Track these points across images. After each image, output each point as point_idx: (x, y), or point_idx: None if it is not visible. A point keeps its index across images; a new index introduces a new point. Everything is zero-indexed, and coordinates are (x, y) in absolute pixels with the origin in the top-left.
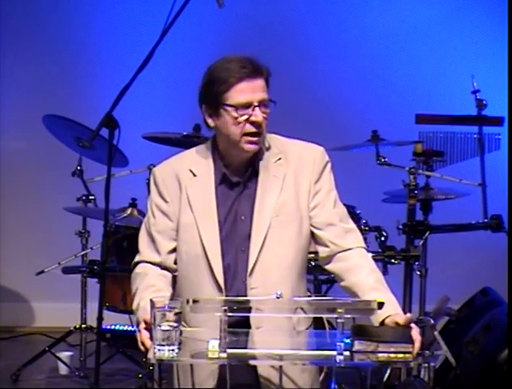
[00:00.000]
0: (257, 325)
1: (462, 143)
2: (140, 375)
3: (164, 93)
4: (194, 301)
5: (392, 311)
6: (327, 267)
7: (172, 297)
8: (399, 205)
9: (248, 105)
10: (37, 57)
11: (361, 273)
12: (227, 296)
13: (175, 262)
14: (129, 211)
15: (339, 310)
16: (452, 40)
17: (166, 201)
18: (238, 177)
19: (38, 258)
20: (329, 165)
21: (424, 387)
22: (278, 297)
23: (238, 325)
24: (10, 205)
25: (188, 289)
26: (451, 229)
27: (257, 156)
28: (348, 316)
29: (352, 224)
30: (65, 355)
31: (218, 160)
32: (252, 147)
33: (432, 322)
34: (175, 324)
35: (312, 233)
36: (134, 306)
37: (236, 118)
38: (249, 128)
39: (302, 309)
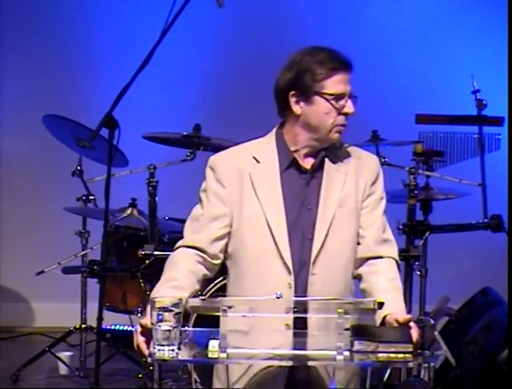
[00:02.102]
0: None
1: (462, 143)
2: (140, 375)
3: (164, 93)
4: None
5: (394, 309)
6: (356, 270)
7: (196, 293)
8: (399, 205)
9: (342, 96)
10: (37, 58)
11: (382, 277)
12: (296, 281)
13: (220, 251)
14: (129, 211)
15: (339, 310)
16: (452, 40)
17: (224, 186)
18: (307, 164)
19: (38, 258)
20: (382, 174)
21: (424, 387)
22: (278, 297)
23: None
24: (10, 205)
25: (254, 276)
26: (451, 229)
27: (325, 149)
28: (348, 316)
29: (391, 236)
30: (65, 355)
31: (283, 148)
32: (339, 137)
33: (432, 322)
34: (175, 324)
35: None
36: (151, 297)
37: (332, 107)
38: (342, 119)
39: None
